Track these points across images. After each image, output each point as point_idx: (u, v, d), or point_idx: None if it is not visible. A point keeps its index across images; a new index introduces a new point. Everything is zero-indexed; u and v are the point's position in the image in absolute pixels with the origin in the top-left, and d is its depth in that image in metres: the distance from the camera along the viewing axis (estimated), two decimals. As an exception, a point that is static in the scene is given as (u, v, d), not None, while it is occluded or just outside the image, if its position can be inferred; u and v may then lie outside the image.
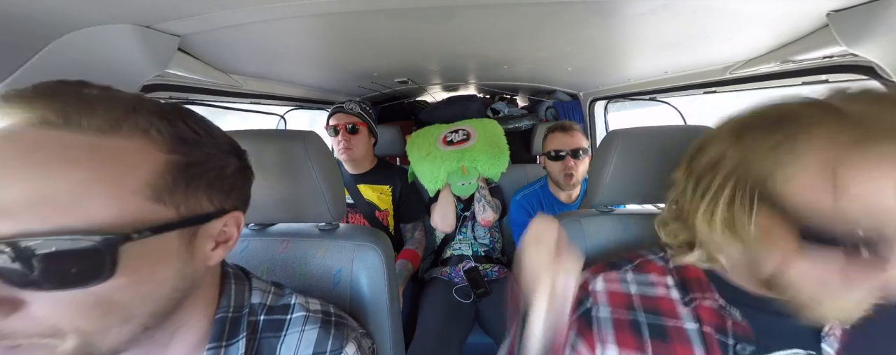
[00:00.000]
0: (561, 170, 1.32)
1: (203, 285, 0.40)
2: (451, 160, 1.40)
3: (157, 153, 0.32)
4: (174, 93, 1.02)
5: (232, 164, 0.40)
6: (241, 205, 0.42)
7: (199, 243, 0.36)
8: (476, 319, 1.32)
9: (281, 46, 0.91)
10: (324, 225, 0.75)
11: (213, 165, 0.37)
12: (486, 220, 1.44)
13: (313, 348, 0.47)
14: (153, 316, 0.34)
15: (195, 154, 0.35)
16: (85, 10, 0.57)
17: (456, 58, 1.23)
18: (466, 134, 1.46)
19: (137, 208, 0.30)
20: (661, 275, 0.54)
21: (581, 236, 0.74)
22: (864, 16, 0.61)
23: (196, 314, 0.41)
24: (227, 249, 0.40)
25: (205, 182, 0.36)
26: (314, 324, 0.48)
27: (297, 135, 0.66)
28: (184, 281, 0.35)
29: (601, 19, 0.79)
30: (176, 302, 0.36)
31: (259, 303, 0.48)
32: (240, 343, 0.43)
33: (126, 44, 0.66)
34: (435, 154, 1.43)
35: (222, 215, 0.38)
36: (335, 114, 1.38)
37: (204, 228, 0.36)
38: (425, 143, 1.48)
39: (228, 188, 0.39)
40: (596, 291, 0.55)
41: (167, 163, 0.32)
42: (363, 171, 1.44)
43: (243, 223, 0.42)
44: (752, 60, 0.99)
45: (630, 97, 1.78)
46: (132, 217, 0.30)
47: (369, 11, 0.70)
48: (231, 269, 0.48)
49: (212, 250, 0.38)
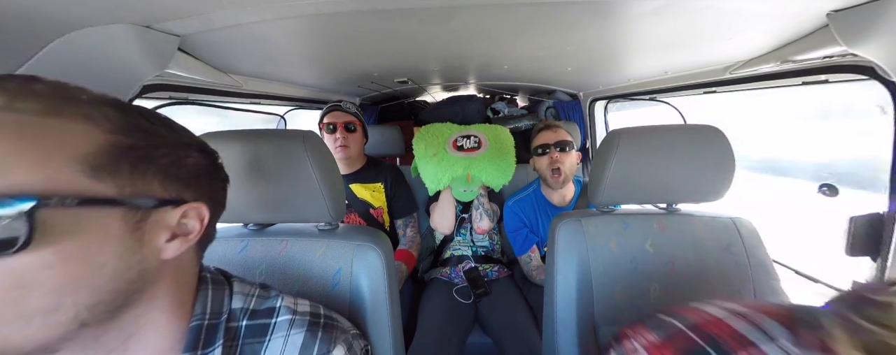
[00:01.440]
0: (548, 164, 1.32)
1: (162, 283, 0.38)
2: (459, 166, 1.38)
3: (98, 133, 0.32)
4: (174, 93, 1.02)
5: (192, 157, 0.40)
6: (205, 200, 0.41)
7: (149, 231, 0.35)
8: (476, 319, 1.32)
9: (281, 46, 0.91)
10: (323, 225, 0.74)
11: (165, 152, 0.37)
12: (482, 229, 1.44)
13: (299, 352, 0.46)
14: (92, 310, 0.31)
15: (144, 139, 0.35)
16: (85, 10, 0.57)
17: (456, 58, 1.23)
18: (478, 142, 1.42)
19: (68, 181, 0.30)
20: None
21: (581, 236, 0.74)
22: (864, 16, 0.61)
23: (159, 317, 0.39)
24: (187, 243, 0.39)
25: (155, 167, 0.36)
26: (300, 328, 0.47)
27: (297, 135, 0.66)
28: (129, 271, 0.34)
29: (601, 19, 0.79)
30: (123, 296, 0.34)
31: (240, 308, 0.47)
32: (216, 351, 0.42)
33: (126, 44, 0.66)
34: (443, 156, 1.40)
35: (179, 205, 0.37)
36: (332, 112, 1.38)
37: (155, 215, 0.36)
38: (434, 142, 1.45)
39: (187, 179, 0.39)
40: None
41: (108, 143, 0.33)
42: (354, 171, 1.44)
43: (208, 219, 0.41)
44: (752, 60, 0.99)
45: (630, 97, 1.78)
46: (59, 187, 0.29)
47: (370, 11, 0.70)
48: (209, 274, 0.47)
49: (166, 242, 0.37)
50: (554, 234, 0.77)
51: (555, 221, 0.79)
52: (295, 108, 1.92)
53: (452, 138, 1.43)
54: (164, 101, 1.11)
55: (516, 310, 1.24)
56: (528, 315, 1.23)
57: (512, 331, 1.16)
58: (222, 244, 0.72)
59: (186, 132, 0.41)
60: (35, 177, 0.28)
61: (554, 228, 0.78)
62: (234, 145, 0.64)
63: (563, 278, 0.74)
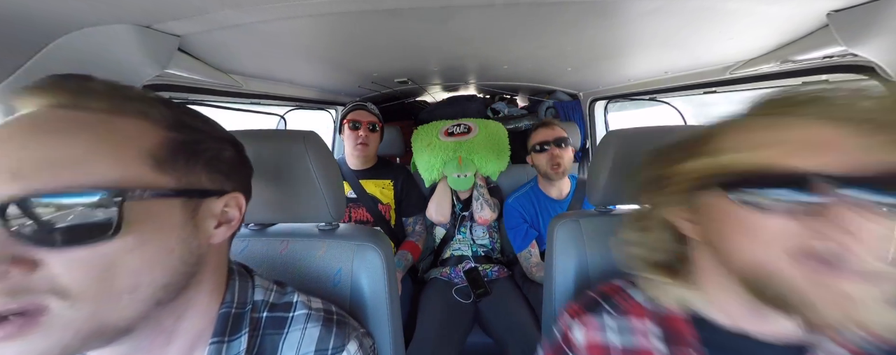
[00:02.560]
0: (548, 160, 1.38)
1: (208, 267, 0.42)
2: (449, 150, 1.46)
3: (157, 130, 0.36)
4: (174, 93, 1.02)
5: (228, 150, 0.43)
6: (241, 189, 0.44)
7: (201, 219, 0.38)
8: (476, 319, 1.32)
9: (281, 46, 0.91)
10: (324, 225, 0.75)
11: (209, 146, 0.40)
12: (484, 219, 1.45)
13: (315, 345, 0.47)
14: (165, 289, 0.35)
15: (192, 135, 0.39)
16: (85, 10, 0.57)
17: (456, 58, 1.23)
18: (467, 127, 1.52)
19: (139, 173, 0.33)
20: (643, 319, 0.49)
21: (579, 237, 0.74)
22: (864, 16, 0.61)
23: (201, 300, 0.42)
24: (231, 229, 0.42)
25: (202, 160, 0.39)
26: (316, 322, 0.49)
27: (297, 135, 0.66)
28: (191, 255, 0.37)
29: (601, 19, 0.79)
30: (185, 278, 0.37)
31: (261, 301, 0.49)
32: (242, 338, 0.44)
33: (126, 44, 0.66)
34: (434, 144, 1.49)
35: (222, 195, 0.41)
36: (357, 110, 1.45)
37: (205, 204, 0.39)
38: (428, 135, 1.55)
39: (227, 170, 0.42)
40: (577, 347, 0.51)
41: (166, 138, 0.36)
42: (365, 167, 1.50)
43: (245, 206, 0.44)
44: (752, 60, 0.99)
45: (630, 97, 1.78)
46: (134, 180, 0.32)
47: (369, 11, 0.70)
48: (235, 266, 0.49)
49: (215, 228, 0.40)
50: (552, 235, 0.77)
51: (553, 221, 0.79)
52: (295, 108, 1.92)
53: (444, 127, 1.54)
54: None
55: (516, 310, 1.24)
56: (528, 314, 1.23)
57: (512, 331, 1.16)
58: (222, 244, 0.72)
59: (217, 125, 0.44)
60: (114, 171, 0.31)
61: (552, 229, 0.78)
62: (235, 145, 0.64)
63: (562, 278, 0.74)
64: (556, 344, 0.55)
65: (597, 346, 0.50)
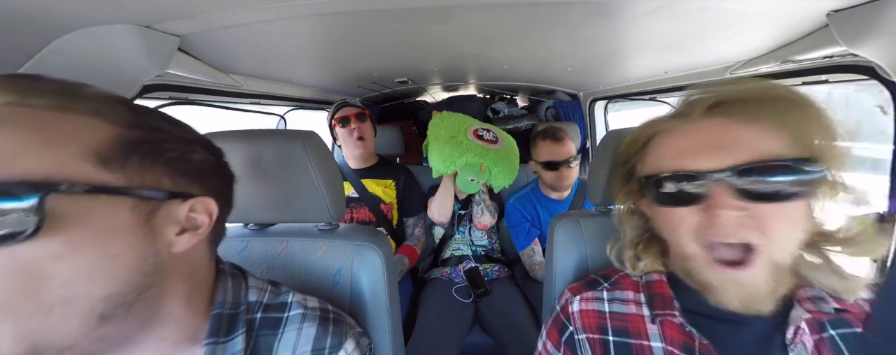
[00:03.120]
0: (555, 178, 1.39)
1: (176, 275, 0.39)
2: (476, 153, 1.36)
3: (108, 127, 0.33)
4: (174, 93, 1.02)
5: (199, 153, 0.41)
6: (212, 195, 0.41)
7: (159, 223, 0.36)
8: (476, 319, 1.32)
9: (281, 46, 0.91)
10: (323, 225, 0.75)
11: (173, 147, 0.38)
12: (483, 224, 1.45)
13: (312, 344, 0.47)
14: (107, 301, 0.31)
15: (152, 134, 0.36)
16: (85, 10, 0.57)
17: (456, 58, 1.23)
18: (495, 137, 1.45)
19: (77, 170, 0.30)
20: (636, 292, 0.55)
21: (580, 237, 0.74)
22: (864, 16, 0.61)
23: (172, 310, 0.39)
24: (196, 237, 0.39)
25: (163, 161, 0.36)
26: (312, 321, 0.49)
27: (297, 135, 0.66)
28: (144, 263, 0.34)
29: (601, 19, 0.79)
30: (140, 289, 0.34)
31: (255, 301, 0.48)
32: (238, 339, 0.43)
33: (126, 44, 0.66)
34: (462, 139, 1.39)
35: (187, 199, 0.38)
36: (341, 108, 1.45)
37: (165, 208, 0.36)
38: (453, 126, 1.44)
39: (194, 173, 0.40)
40: (574, 314, 0.57)
41: (119, 136, 0.33)
42: (367, 167, 1.49)
43: (216, 213, 0.41)
44: (752, 60, 0.99)
45: (630, 97, 1.78)
46: (68, 176, 0.29)
47: (369, 11, 0.70)
48: (226, 267, 0.48)
49: (177, 235, 0.37)
50: (553, 234, 0.77)
51: (553, 221, 0.79)
52: (295, 108, 1.92)
53: (473, 127, 1.45)
54: (165, 101, 1.11)
55: (516, 310, 1.24)
56: (529, 314, 1.23)
57: (512, 331, 1.16)
58: (223, 244, 0.71)
59: (192, 130, 0.42)
60: (45, 166, 0.29)
61: (552, 228, 0.78)
62: (235, 145, 0.64)
63: (562, 277, 0.74)
64: (556, 315, 0.60)
65: (589, 312, 0.56)
